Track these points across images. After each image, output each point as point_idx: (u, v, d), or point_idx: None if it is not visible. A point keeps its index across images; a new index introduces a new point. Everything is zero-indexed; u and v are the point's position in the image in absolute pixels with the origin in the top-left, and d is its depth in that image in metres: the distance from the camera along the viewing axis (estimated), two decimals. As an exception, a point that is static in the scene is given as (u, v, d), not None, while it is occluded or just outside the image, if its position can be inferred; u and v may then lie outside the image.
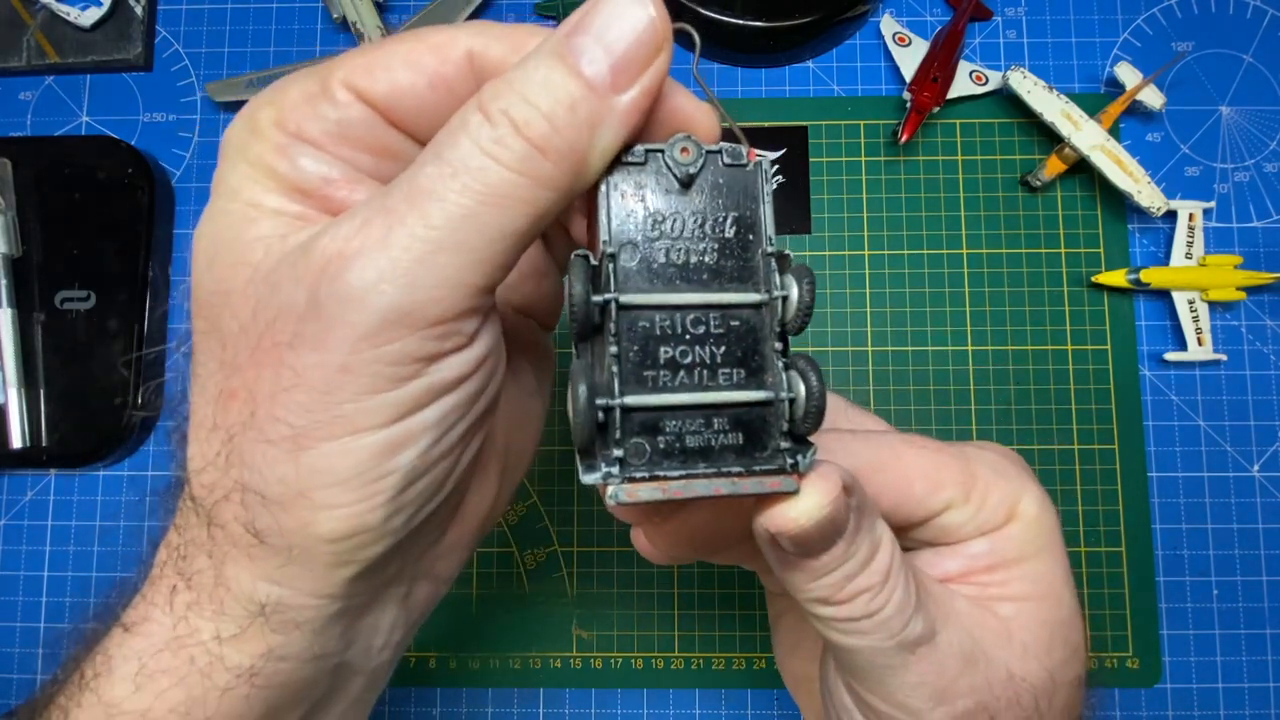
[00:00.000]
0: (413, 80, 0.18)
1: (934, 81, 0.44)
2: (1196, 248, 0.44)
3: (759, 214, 0.18)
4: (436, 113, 0.18)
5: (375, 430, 0.16)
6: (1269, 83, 0.47)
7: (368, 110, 0.18)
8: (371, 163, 0.19)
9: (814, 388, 0.17)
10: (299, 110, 0.18)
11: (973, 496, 0.21)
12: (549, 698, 0.43)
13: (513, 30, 0.18)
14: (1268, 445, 0.44)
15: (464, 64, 0.18)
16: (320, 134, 0.18)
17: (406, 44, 0.18)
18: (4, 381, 0.43)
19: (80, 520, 0.45)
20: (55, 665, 0.42)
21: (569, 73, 0.16)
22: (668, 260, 0.18)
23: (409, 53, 0.18)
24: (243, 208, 0.18)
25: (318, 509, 0.16)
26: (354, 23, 0.46)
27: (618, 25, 0.16)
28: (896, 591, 0.19)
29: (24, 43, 0.48)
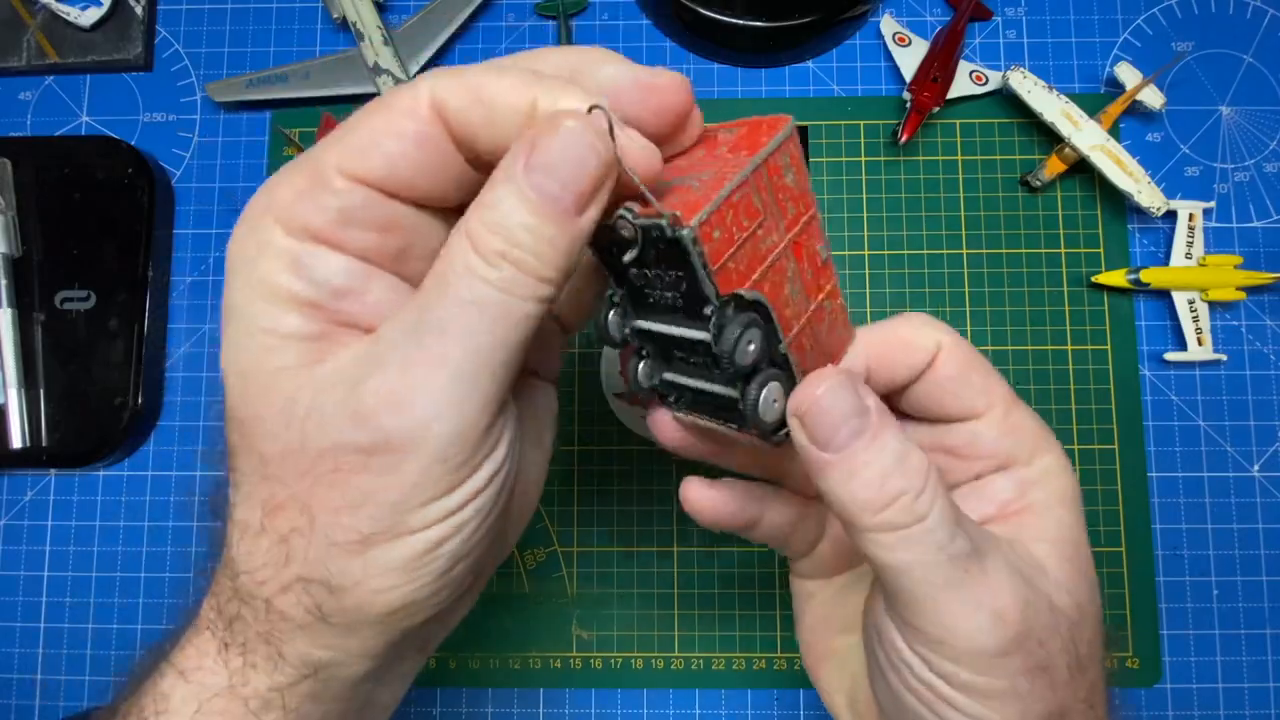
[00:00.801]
0: (402, 149, 0.19)
1: (934, 81, 0.44)
2: (1196, 248, 0.44)
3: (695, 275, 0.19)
4: (426, 171, 0.19)
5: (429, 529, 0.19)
6: (1269, 83, 0.47)
7: (366, 190, 0.19)
8: (376, 240, 0.20)
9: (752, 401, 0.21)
10: (299, 207, 0.19)
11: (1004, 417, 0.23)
12: (549, 698, 0.43)
13: (464, 77, 0.19)
14: (1268, 445, 0.44)
15: (435, 116, 0.19)
16: (324, 225, 0.19)
17: (383, 115, 0.19)
18: (4, 381, 0.43)
19: (80, 520, 0.45)
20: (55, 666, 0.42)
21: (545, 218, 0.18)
22: (654, 301, 0.21)
23: (389, 124, 0.19)
24: (262, 338, 0.19)
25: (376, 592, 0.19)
26: (354, 23, 0.46)
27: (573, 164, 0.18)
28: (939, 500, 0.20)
29: (24, 43, 0.48)
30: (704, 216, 0.18)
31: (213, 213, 0.47)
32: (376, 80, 0.45)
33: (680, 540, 0.44)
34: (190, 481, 0.45)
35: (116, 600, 0.44)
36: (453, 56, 0.48)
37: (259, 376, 0.19)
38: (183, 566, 0.44)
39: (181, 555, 0.44)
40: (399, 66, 0.45)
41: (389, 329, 0.19)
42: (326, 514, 0.19)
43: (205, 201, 0.47)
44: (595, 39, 0.48)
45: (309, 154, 0.19)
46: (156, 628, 0.44)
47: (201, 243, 0.47)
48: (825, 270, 0.22)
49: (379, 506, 0.19)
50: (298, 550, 0.19)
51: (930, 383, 0.24)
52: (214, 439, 0.45)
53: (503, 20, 0.49)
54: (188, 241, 0.47)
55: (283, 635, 0.20)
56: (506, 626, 0.43)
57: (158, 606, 0.44)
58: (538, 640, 0.43)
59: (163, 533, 0.44)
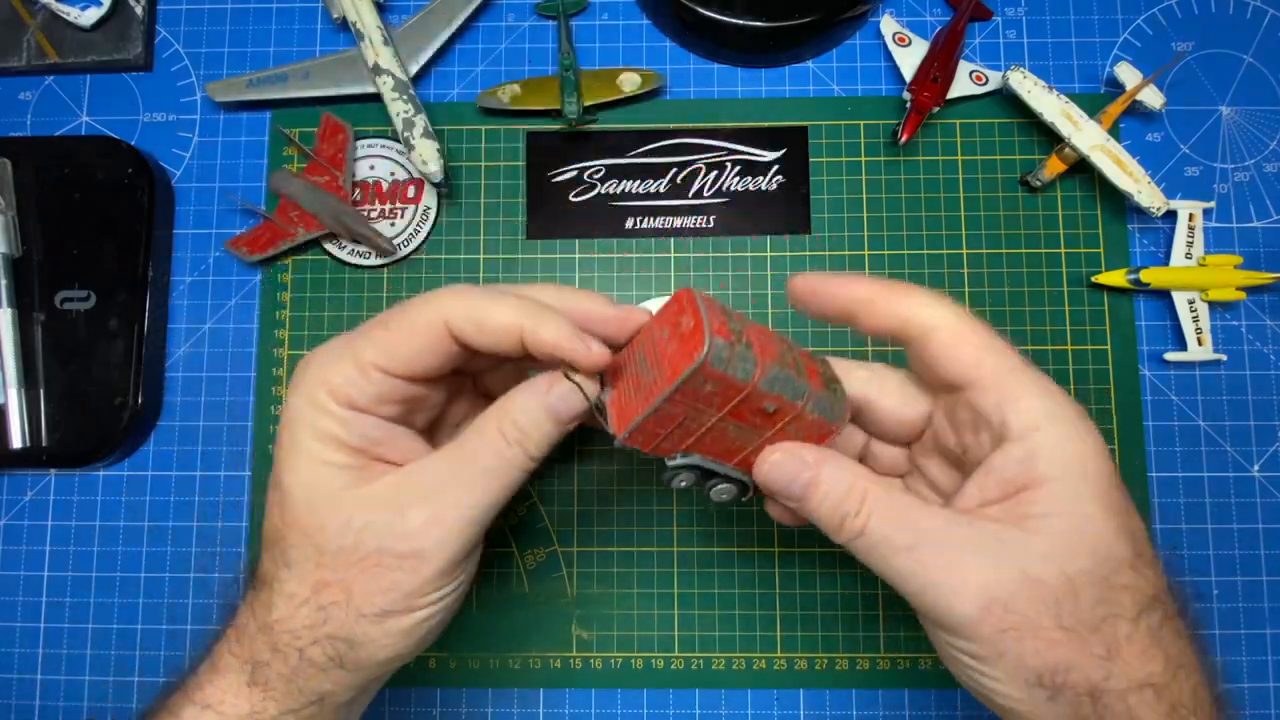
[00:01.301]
0: (419, 353, 0.28)
1: (934, 81, 0.44)
2: (1196, 248, 0.44)
3: None
4: (433, 364, 0.28)
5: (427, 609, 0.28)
6: (1269, 83, 0.47)
7: (393, 381, 0.28)
8: (399, 410, 0.29)
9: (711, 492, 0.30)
10: (347, 389, 0.28)
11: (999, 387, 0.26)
12: (549, 698, 0.43)
13: (469, 301, 0.27)
14: (1268, 445, 0.44)
15: (444, 330, 0.27)
16: (365, 402, 0.28)
17: (408, 329, 0.28)
18: (4, 381, 0.43)
19: (80, 520, 0.45)
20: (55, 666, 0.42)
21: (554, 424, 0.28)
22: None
23: (410, 337, 0.27)
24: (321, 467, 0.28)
25: (382, 648, 0.28)
26: (354, 23, 0.46)
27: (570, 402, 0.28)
28: (873, 516, 0.26)
29: (24, 43, 0.48)
30: (629, 432, 0.27)
31: (213, 213, 0.47)
32: (376, 80, 0.45)
33: (680, 540, 0.44)
34: (190, 481, 0.45)
35: (116, 600, 0.44)
36: (453, 56, 0.48)
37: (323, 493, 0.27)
38: (183, 566, 0.44)
39: (181, 555, 0.44)
40: (399, 66, 0.45)
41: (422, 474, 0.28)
42: (361, 594, 0.27)
43: (205, 201, 0.47)
44: (595, 39, 0.48)
45: (354, 346, 0.28)
46: (157, 628, 0.44)
47: (201, 243, 0.47)
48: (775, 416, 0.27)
49: (400, 593, 0.27)
50: (334, 617, 0.27)
51: (920, 357, 0.28)
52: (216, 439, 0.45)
53: (503, 20, 0.49)
54: (188, 241, 0.47)
55: (305, 676, 0.27)
56: (506, 626, 0.43)
57: (158, 606, 0.44)
58: (538, 640, 0.43)
59: (163, 533, 0.44)
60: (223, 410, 0.45)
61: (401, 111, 0.44)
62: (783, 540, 0.44)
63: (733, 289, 0.45)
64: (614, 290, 0.46)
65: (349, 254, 0.46)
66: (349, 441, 0.28)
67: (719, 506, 0.35)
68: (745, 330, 0.26)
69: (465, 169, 0.47)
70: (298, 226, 0.45)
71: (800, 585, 0.43)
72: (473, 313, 0.27)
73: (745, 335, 0.25)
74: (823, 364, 0.29)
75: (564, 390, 0.28)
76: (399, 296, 0.46)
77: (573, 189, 0.46)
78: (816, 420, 0.27)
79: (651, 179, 0.46)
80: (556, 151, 0.47)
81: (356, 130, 0.47)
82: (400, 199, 0.46)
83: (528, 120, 0.47)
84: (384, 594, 0.27)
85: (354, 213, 0.45)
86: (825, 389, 0.27)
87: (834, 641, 0.43)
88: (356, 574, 0.27)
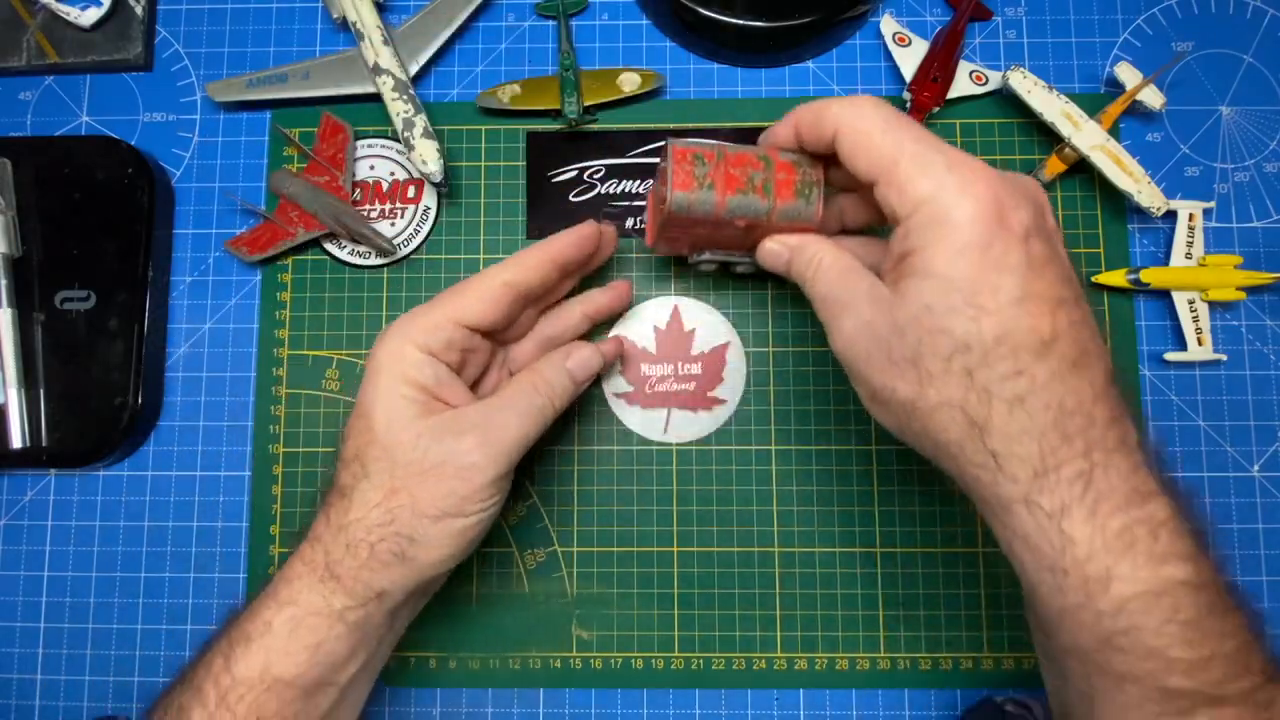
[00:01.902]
0: (483, 308, 0.36)
1: (934, 81, 0.44)
2: (1196, 248, 0.44)
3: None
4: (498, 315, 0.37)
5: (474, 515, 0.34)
6: (1269, 83, 0.47)
7: (462, 329, 0.36)
8: (459, 356, 0.37)
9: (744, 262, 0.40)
10: (425, 338, 0.35)
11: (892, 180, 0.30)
12: (549, 698, 0.43)
13: (521, 259, 0.38)
14: (1268, 445, 0.44)
15: (504, 288, 0.37)
16: (438, 348, 0.35)
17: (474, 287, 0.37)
18: (4, 381, 0.43)
19: (80, 520, 0.45)
20: (55, 666, 0.42)
21: (573, 384, 0.38)
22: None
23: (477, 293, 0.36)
24: (399, 399, 0.34)
25: (436, 548, 0.34)
26: (354, 23, 0.46)
27: (587, 365, 0.39)
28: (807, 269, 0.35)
29: (24, 43, 0.48)
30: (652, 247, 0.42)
31: (213, 213, 0.47)
32: (376, 80, 0.45)
33: (680, 540, 0.44)
34: (190, 481, 0.45)
35: (116, 600, 0.44)
36: (453, 56, 0.48)
37: (399, 418, 0.34)
38: (183, 566, 0.44)
39: (181, 555, 0.44)
40: (399, 66, 0.45)
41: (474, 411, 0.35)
42: (424, 498, 0.33)
43: (205, 201, 0.47)
44: (595, 39, 0.48)
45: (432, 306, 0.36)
46: (157, 628, 0.44)
47: (201, 243, 0.47)
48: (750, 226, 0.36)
49: (455, 498, 0.33)
50: (400, 517, 0.33)
51: (840, 155, 0.32)
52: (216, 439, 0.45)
53: (503, 20, 0.49)
54: (188, 241, 0.47)
55: (371, 569, 0.33)
56: (506, 626, 0.43)
57: (158, 606, 0.44)
58: (538, 640, 0.43)
59: (163, 533, 0.44)
60: (223, 410, 0.45)
61: (401, 111, 0.44)
62: (783, 540, 0.44)
63: (732, 289, 0.45)
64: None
65: (349, 254, 0.46)
66: (421, 380, 0.35)
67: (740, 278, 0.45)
68: (712, 173, 0.35)
69: (465, 169, 0.47)
70: (298, 226, 0.45)
71: (800, 585, 0.43)
72: (518, 266, 0.37)
73: (710, 178, 0.35)
74: (803, 174, 0.35)
75: (580, 356, 0.38)
76: (399, 296, 0.46)
77: (573, 189, 0.46)
78: (788, 224, 0.36)
79: (652, 179, 0.46)
80: (556, 151, 0.47)
81: (356, 130, 0.47)
82: (400, 199, 0.47)
83: (528, 120, 0.47)
84: (443, 498, 0.33)
85: (354, 213, 0.45)
86: (796, 199, 0.35)
87: (834, 641, 0.43)
88: (420, 481, 0.33)
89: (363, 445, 0.34)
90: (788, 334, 0.45)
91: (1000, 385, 0.28)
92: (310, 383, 0.45)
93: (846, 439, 0.44)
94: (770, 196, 0.35)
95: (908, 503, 0.44)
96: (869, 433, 0.44)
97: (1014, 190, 0.29)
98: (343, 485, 0.34)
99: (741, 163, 0.35)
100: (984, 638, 0.43)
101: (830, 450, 0.44)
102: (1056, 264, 0.29)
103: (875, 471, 0.44)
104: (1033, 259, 0.28)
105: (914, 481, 0.44)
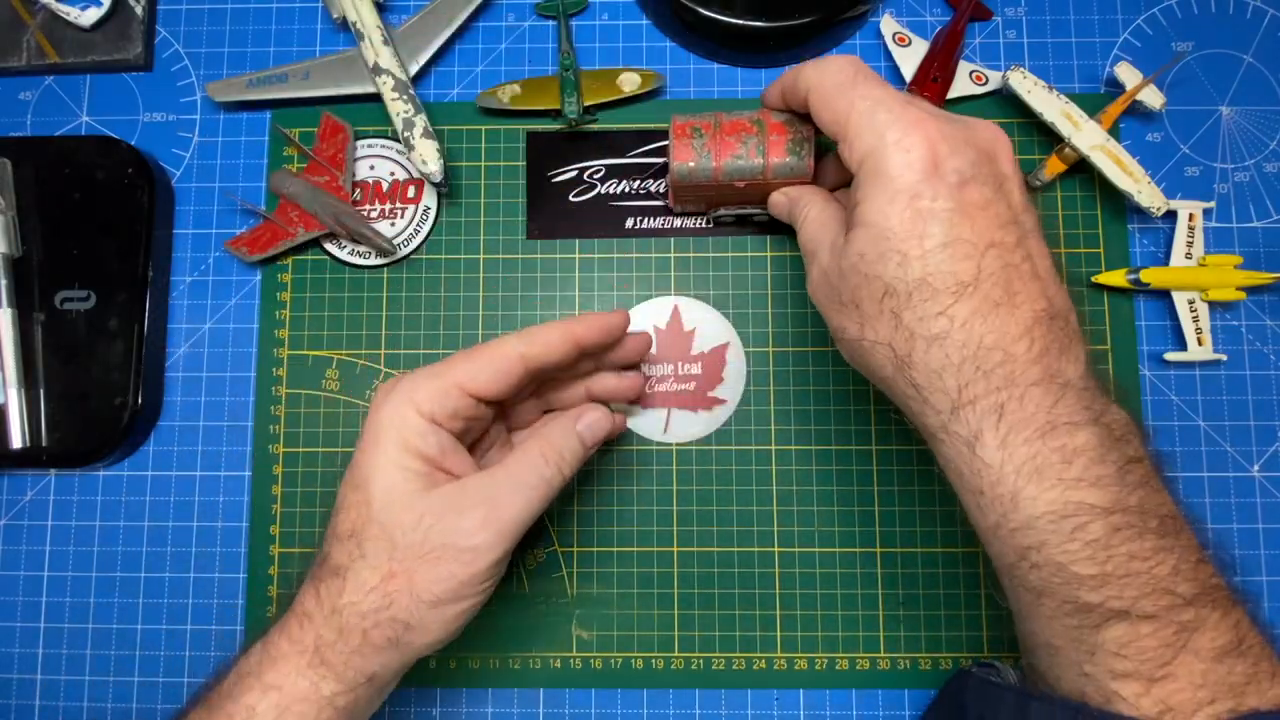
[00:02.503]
0: (493, 380, 0.34)
1: (934, 81, 0.44)
2: (1196, 248, 0.44)
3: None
4: (508, 387, 0.34)
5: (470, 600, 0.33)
6: (1269, 83, 0.47)
7: (469, 398, 0.34)
8: (463, 427, 0.34)
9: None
10: (430, 405, 0.33)
11: (845, 138, 0.32)
12: (549, 698, 0.43)
13: (540, 332, 0.35)
14: (1268, 445, 0.44)
15: (518, 361, 0.34)
16: (442, 417, 0.33)
17: (486, 356, 0.34)
18: (4, 381, 0.43)
19: (80, 520, 0.45)
20: (55, 666, 0.42)
21: (583, 450, 0.36)
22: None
23: (489, 363, 0.34)
24: (400, 470, 0.32)
25: (430, 633, 0.32)
26: (354, 23, 0.46)
27: (597, 429, 0.37)
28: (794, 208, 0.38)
29: (24, 43, 0.48)
30: (672, 211, 0.46)
31: (213, 213, 0.47)
32: (376, 80, 0.45)
33: (680, 540, 0.44)
34: (190, 481, 0.45)
35: (116, 600, 0.44)
36: (453, 56, 0.48)
37: (400, 494, 0.32)
38: (183, 566, 0.44)
39: (181, 555, 0.44)
40: (399, 66, 0.45)
41: (479, 485, 0.33)
42: (422, 583, 0.32)
43: (205, 201, 0.47)
44: (595, 39, 0.48)
45: (441, 370, 0.34)
46: (157, 628, 0.44)
47: (201, 243, 0.47)
48: (749, 184, 0.40)
49: (455, 582, 0.32)
50: (399, 601, 0.31)
51: (812, 116, 0.34)
52: (216, 439, 0.45)
53: (503, 20, 0.49)
54: (188, 241, 0.47)
55: (363, 655, 0.32)
56: (506, 626, 0.43)
57: (158, 606, 0.44)
58: (538, 640, 0.43)
59: (163, 533, 0.44)
60: (223, 410, 0.45)
61: (401, 111, 0.44)
62: (783, 540, 0.44)
63: (732, 289, 0.45)
64: (614, 290, 0.46)
65: (349, 254, 0.46)
66: (424, 450, 0.33)
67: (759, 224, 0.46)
68: (709, 143, 0.39)
69: (465, 169, 0.47)
70: (298, 226, 0.45)
71: (800, 585, 0.43)
72: (537, 341, 0.35)
73: (707, 147, 0.39)
74: (794, 131, 0.38)
75: (591, 420, 0.37)
76: (399, 296, 0.46)
77: (573, 189, 0.46)
78: (784, 179, 0.39)
79: (652, 179, 0.46)
80: (556, 151, 0.47)
81: (356, 130, 0.47)
82: (400, 199, 0.47)
83: (528, 120, 0.47)
84: (441, 583, 0.32)
85: (354, 213, 0.45)
86: (788, 156, 0.38)
87: (834, 641, 0.43)
88: (419, 564, 0.31)
89: (359, 523, 0.32)
90: (788, 334, 0.45)
91: (921, 325, 0.30)
92: (310, 383, 0.45)
93: (846, 439, 0.44)
94: (764, 156, 0.39)
95: (908, 503, 0.44)
96: (869, 433, 0.44)
97: (955, 137, 0.31)
98: (336, 563, 0.32)
99: (735, 129, 0.39)
100: (984, 638, 0.43)
101: (830, 450, 0.44)
102: (995, 208, 0.30)
103: (875, 471, 0.44)
104: (965, 204, 0.30)
105: (914, 481, 0.44)
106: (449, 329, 0.46)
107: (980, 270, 0.30)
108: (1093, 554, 0.28)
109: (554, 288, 0.46)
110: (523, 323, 0.46)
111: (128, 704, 0.43)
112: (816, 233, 0.35)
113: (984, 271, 0.30)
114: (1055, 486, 0.28)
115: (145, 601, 0.44)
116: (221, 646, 0.43)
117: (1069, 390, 0.29)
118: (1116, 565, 0.28)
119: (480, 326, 0.46)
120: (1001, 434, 0.29)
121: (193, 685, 0.43)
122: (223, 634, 0.44)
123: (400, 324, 0.46)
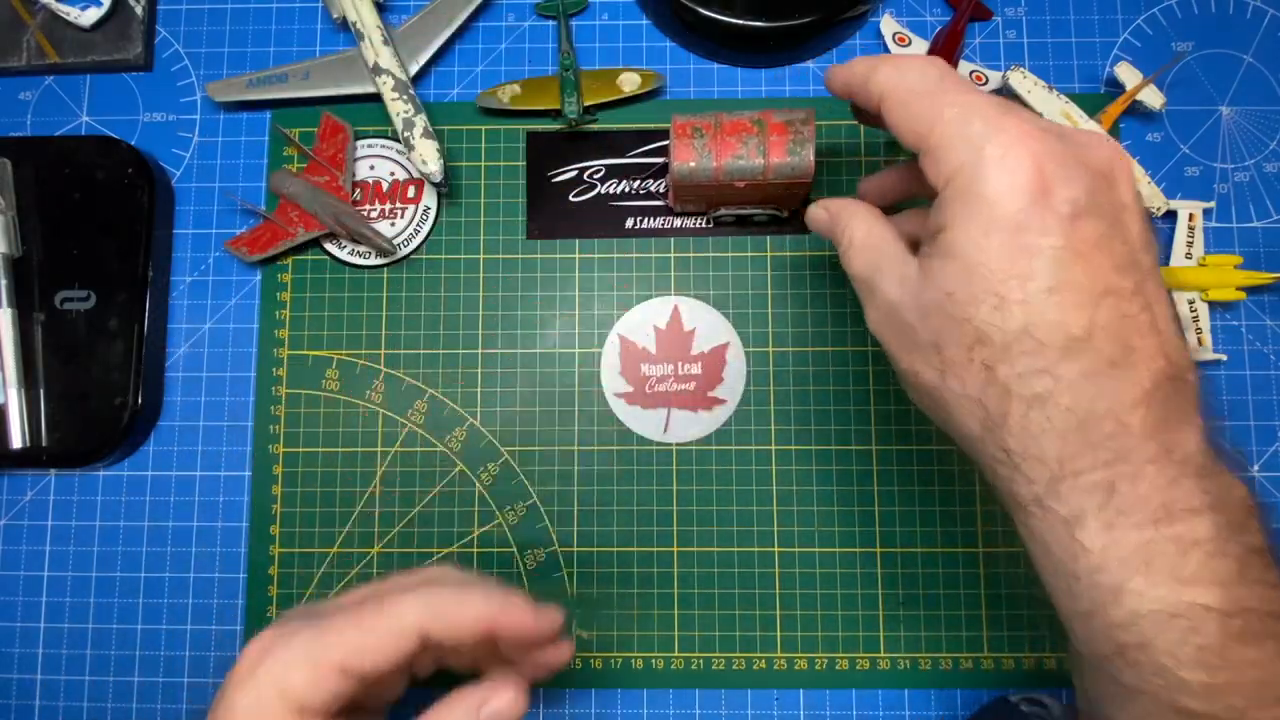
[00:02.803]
0: (383, 660, 0.28)
1: (934, 81, 0.44)
2: (1196, 248, 0.44)
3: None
4: (394, 666, 0.28)
5: None
6: (1269, 83, 0.47)
7: (351, 680, 0.28)
8: (344, 700, 0.28)
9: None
10: (304, 690, 0.27)
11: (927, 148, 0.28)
12: (549, 698, 0.43)
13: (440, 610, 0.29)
14: (1268, 445, 0.44)
15: (415, 640, 0.28)
16: (316, 704, 0.27)
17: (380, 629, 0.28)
18: (4, 381, 0.43)
19: (80, 520, 0.45)
20: (55, 666, 0.42)
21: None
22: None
23: (380, 639, 0.28)
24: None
25: None
26: (354, 23, 0.46)
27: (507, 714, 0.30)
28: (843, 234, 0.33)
29: (24, 43, 0.48)
30: (674, 210, 0.45)
31: (213, 213, 0.47)
32: (376, 80, 0.45)
33: (680, 540, 0.44)
34: (190, 481, 0.45)
35: (116, 600, 0.44)
36: (453, 56, 0.48)
37: None
38: (183, 566, 0.44)
39: (181, 555, 0.44)
40: (399, 66, 0.45)
41: None
42: None
43: (205, 201, 0.47)
44: (595, 39, 0.48)
45: (317, 645, 0.28)
46: (157, 628, 0.44)
47: (201, 243, 0.47)
48: (749, 184, 0.40)
49: None
50: None
51: (887, 125, 0.30)
52: (216, 439, 0.45)
53: (503, 20, 0.49)
54: (188, 241, 0.47)
55: None
56: (506, 626, 0.43)
57: (158, 606, 0.44)
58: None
59: (163, 533, 0.44)
60: (223, 410, 0.45)
61: (401, 111, 0.44)
62: (783, 540, 0.44)
63: (732, 289, 0.45)
64: (614, 290, 0.46)
65: (349, 254, 0.46)
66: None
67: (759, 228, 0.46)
68: (710, 143, 0.39)
69: (465, 169, 0.47)
70: (298, 226, 0.45)
71: (800, 585, 0.43)
72: (444, 617, 0.29)
73: (708, 147, 0.39)
74: (795, 132, 0.39)
75: (497, 706, 0.30)
76: (399, 296, 0.46)
77: (573, 189, 0.46)
78: (786, 179, 0.39)
79: (652, 179, 0.46)
80: (556, 151, 0.47)
81: (356, 130, 0.47)
82: (400, 199, 0.47)
83: (528, 120, 0.47)
84: None
85: (354, 213, 0.45)
86: (788, 156, 0.38)
87: (834, 641, 0.43)
88: None
89: None
90: (788, 334, 0.45)
91: (1020, 383, 0.26)
92: (310, 383, 0.45)
93: (846, 439, 0.44)
94: (764, 157, 0.39)
95: (908, 503, 0.44)
96: (869, 433, 0.44)
97: (1067, 157, 0.26)
98: None
99: (736, 129, 0.39)
100: (984, 638, 0.43)
101: (830, 450, 0.44)
102: (1112, 245, 0.26)
103: (875, 471, 0.44)
104: (1077, 242, 0.25)
105: (914, 481, 0.44)
106: (449, 329, 0.46)
107: (1093, 322, 0.25)
108: (1205, 660, 0.24)
109: (554, 288, 0.46)
110: (523, 323, 0.46)
111: (128, 704, 0.43)
112: (875, 260, 0.31)
113: (1097, 324, 0.25)
114: (1167, 582, 0.25)
115: (145, 601, 0.44)
116: (221, 646, 0.44)
117: (1188, 467, 0.26)
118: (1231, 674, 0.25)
119: (480, 326, 0.46)
120: (1108, 517, 0.25)
121: (193, 685, 0.43)
122: (223, 634, 0.44)
123: (400, 324, 0.46)
